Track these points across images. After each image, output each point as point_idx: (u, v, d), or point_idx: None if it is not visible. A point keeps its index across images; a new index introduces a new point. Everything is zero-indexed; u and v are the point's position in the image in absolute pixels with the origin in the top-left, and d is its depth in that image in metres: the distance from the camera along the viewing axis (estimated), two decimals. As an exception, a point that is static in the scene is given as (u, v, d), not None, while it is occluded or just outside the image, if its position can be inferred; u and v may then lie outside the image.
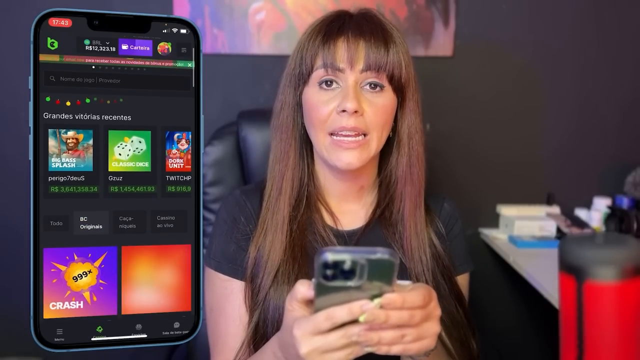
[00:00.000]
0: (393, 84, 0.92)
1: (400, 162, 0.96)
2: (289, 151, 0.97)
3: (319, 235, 0.96)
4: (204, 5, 1.69)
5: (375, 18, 0.95)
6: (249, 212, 0.99)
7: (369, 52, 0.90)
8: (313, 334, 0.63)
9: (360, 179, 0.99)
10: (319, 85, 0.92)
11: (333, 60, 0.90)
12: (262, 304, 0.91)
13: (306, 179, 0.98)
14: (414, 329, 0.65)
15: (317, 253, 0.59)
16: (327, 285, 0.60)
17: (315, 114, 0.92)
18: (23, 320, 0.66)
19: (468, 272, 1.05)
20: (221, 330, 0.95)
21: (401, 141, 0.96)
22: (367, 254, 0.59)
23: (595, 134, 1.88)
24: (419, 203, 0.96)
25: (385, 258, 0.59)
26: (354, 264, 0.59)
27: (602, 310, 0.45)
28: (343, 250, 0.59)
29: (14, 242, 1.65)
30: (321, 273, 0.59)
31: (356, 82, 0.90)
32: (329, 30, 0.92)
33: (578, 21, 1.84)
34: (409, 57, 0.94)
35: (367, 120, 0.90)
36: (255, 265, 0.94)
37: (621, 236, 0.47)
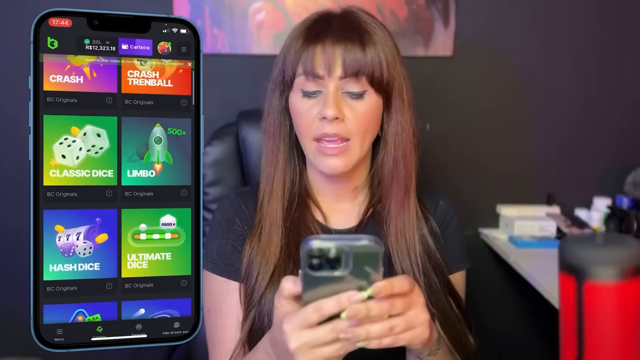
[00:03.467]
0: (374, 86, 0.91)
1: (386, 161, 0.96)
2: (277, 155, 0.97)
3: (310, 235, 0.96)
4: (204, 5, 1.69)
5: (355, 19, 0.93)
6: (244, 214, 0.99)
7: (346, 57, 0.89)
8: (302, 327, 0.63)
9: (352, 180, 0.99)
10: (302, 92, 0.92)
11: (312, 67, 0.90)
12: (258, 304, 0.91)
13: (297, 180, 0.99)
14: (402, 319, 0.65)
15: (302, 242, 0.59)
16: (313, 276, 0.60)
17: (299, 121, 0.92)
18: (23, 320, 0.66)
19: (464, 269, 1.05)
20: (219, 332, 0.95)
21: (387, 141, 0.96)
22: (351, 241, 0.59)
23: (595, 134, 1.88)
24: (406, 201, 0.96)
25: (370, 245, 0.59)
26: (339, 252, 0.59)
27: (602, 310, 0.45)
28: (327, 237, 0.60)
29: (14, 242, 1.65)
30: (307, 263, 0.59)
31: (337, 87, 0.90)
32: (308, 36, 0.92)
33: (578, 21, 1.84)
34: (394, 56, 0.93)
35: (349, 126, 0.90)
36: (249, 265, 0.94)
37: (621, 236, 0.47)
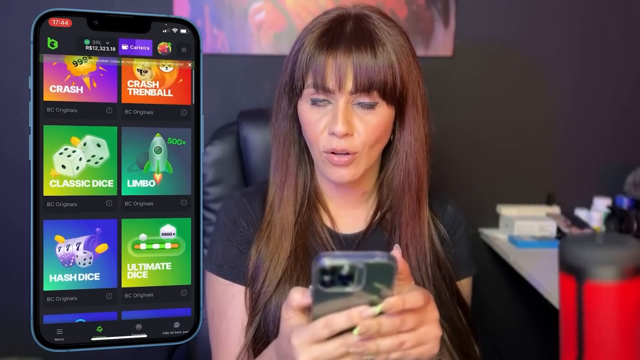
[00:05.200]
0: (386, 99, 0.88)
1: (397, 172, 0.94)
2: (288, 160, 0.96)
3: (319, 239, 0.95)
4: (204, 5, 1.69)
5: (368, 25, 0.89)
6: (250, 215, 0.98)
7: (358, 71, 0.86)
8: (311, 342, 0.62)
9: (361, 186, 0.98)
10: (311, 102, 0.90)
11: (322, 81, 0.87)
12: (263, 309, 0.90)
13: (309, 183, 0.97)
14: (412, 334, 0.64)
15: (314, 259, 0.58)
16: (325, 292, 0.59)
17: (308, 132, 0.91)
18: (23, 320, 0.66)
19: (470, 276, 1.04)
20: (222, 336, 0.95)
21: (398, 150, 0.94)
22: (365, 259, 0.58)
23: (595, 133, 1.88)
24: (417, 211, 0.94)
25: (384, 262, 0.58)
26: (352, 269, 0.57)
27: (602, 310, 0.45)
28: (341, 255, 0.58)
29: (14, 242, 1.65)
30: (319, 279, 0.58)
31: (347, 102, 0.87)
32: (320, 44, 0.88)
33: (578, 21, 1.84)
34: (408, 60, 0.90)
35: (358, 141, 0.88)
36: (255, 269, 0.93)
37: (621, 236, 0.47)
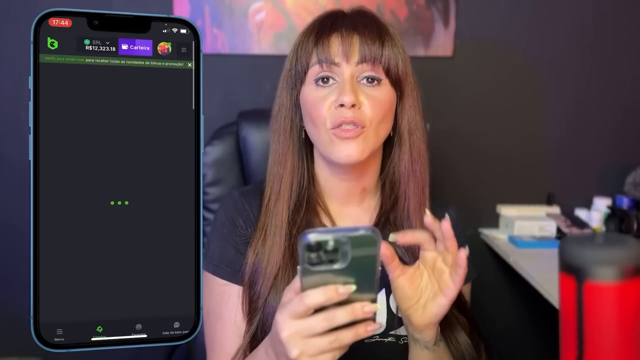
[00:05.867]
0: (390, 77, 0.91)
1: (403, 158, 0.95)
2: (287, 154, 0.95)
3: None
4: (204, 5, 1.69)
5: (369, 14, 0.94)
6: (248, 215, 0.97)
7: (364, 44, 0.89)
8: (292, 317, 0.62)
9: (362, 179, 0.97)
10: (315, 82, 0.91)
11: (328, 55, 0.89)
12: (262, 310, 0.90)
13: (306, 182, 0.96)
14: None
15: (299, 236, 0.59)
16: (312, 270, 0.60)
17: (314, 111, 0.90)
18: (23, 320, 0.66)
19: (470, 280, 1.03)
20: (218, 335, 0.94)
21: (402, 137, 0.95)
22: (349, 232, 0.59)
23: (595, 134, 1.88)
24: (424, 200, 0.95)
25: (367, 234, 0.59)
26: (337, 243, 0.58)
27: (602, 310, 0.45)
28: (325, 230, 0.59)
29: (14, 242, 1.65)
30: (306, 257, 0.59)
31: (352, 75, 0.89)
32: (322, 27, 0.92)
33: (578, 21, 1.84)
34: (406, 54, 0.93)
35: (365, 114, 0.89)
36: (253, 272, 0.92)
37: (621, 236, 0.47)
